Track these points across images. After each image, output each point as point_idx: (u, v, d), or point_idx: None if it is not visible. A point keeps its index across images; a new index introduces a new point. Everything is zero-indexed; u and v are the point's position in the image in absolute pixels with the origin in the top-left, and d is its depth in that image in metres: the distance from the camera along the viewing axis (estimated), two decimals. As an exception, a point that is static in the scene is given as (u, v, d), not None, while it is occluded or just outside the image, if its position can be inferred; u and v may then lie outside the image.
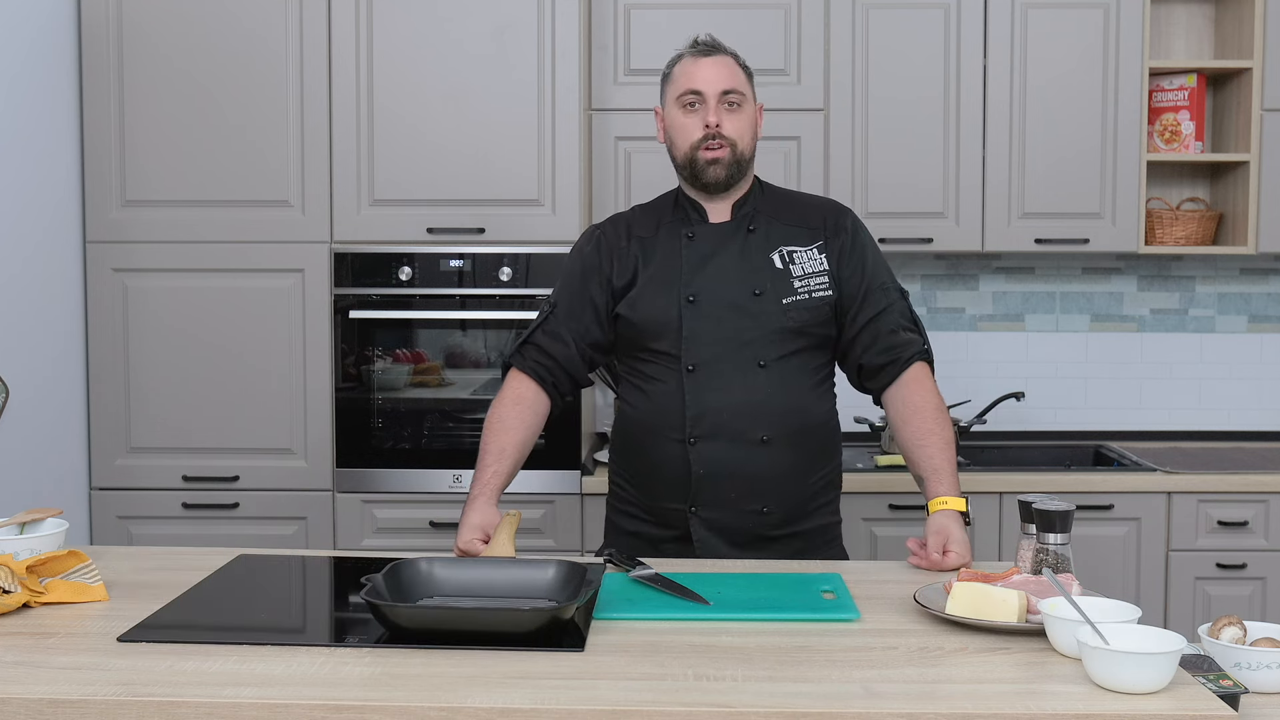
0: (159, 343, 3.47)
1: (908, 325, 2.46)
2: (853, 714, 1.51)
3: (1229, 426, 4.03)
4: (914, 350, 2.43)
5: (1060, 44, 3.63)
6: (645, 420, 2.46)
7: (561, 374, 2.48)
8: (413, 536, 3.45)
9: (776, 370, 2.39)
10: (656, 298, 2.43)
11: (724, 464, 2.38)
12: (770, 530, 2.42)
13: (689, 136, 2.42)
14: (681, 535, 2.44)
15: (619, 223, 2.54)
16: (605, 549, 2.52)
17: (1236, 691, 1.64)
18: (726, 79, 2.42)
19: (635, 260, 2.47)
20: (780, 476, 2.40)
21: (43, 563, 1.98)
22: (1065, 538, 2.05)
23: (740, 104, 2.43)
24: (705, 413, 2.38)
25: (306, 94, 3.43)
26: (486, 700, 1.53)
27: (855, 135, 3.62)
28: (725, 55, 2.45)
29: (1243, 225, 3.72)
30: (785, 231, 2.46)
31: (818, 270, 2.43)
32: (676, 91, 2.44)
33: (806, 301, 2.41)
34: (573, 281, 2.50)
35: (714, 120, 2.40)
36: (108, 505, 3.50)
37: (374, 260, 3.45)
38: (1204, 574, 3.44)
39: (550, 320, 2.49)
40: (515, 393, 2.45)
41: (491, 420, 2.42)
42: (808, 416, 2.43)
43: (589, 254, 2.50)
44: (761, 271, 2.42)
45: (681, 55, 2.48)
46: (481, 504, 2.31)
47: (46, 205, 3.33)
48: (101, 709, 1.53)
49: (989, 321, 4.01)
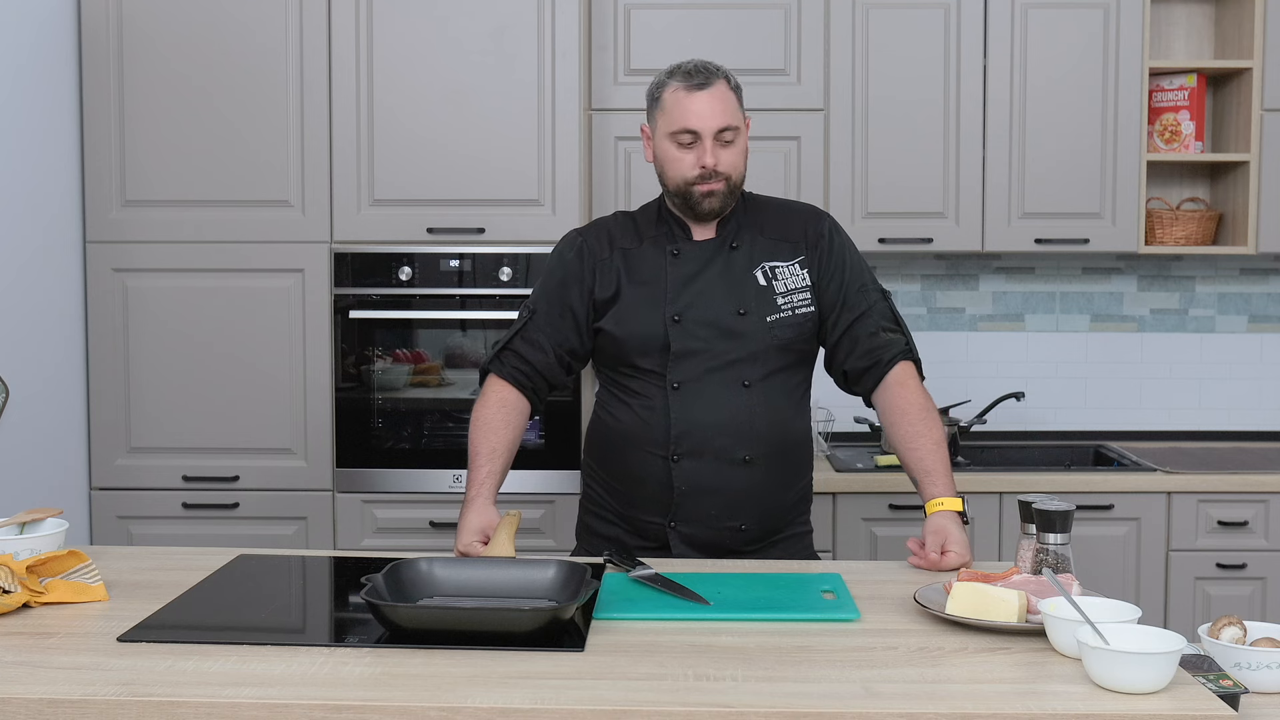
0: (159, 343, 3.47)
1: (889, 326, 2.44)
2: (853, 714, 1.51)
3: (1229, 426, 4.03)
4: (895, 351, 2.41)
5: (1060, 44, 3.63)
6: (627, 433, 2.45)
7: (539, 379, 2.48)
8: (413, 536, 3.45)
9: (760, 390, 2.40)
10: (642, 315, 2.41)
11: (706, 482, 2.39)
12: (745, 545, 2.43)
13: (683, 172, 2.38)
14: (658, 546, 2.44)
15: (600, 232, 2.51)
16: (579, 551, 2.54)
17: (1236, 691, 1.64)
18: (720, 115, 2.35)
19: (618, 274, 2.45)
20: (759, 494, 2.41)
21: (43, 563, 1.98)
22: (1065, 538, 2.05)
23: (734, 138, 2.38)
24: (689, 431, 2.38)
25: (306, 94, 3.43)
26: (486, 700, 1.53)
27: (855, 135, 3.62)
28: (718, 84, 2.37)
29: (1243, 225, 3.72)
30: (767, 246, 2.45)
31: (799, 286, 2.42)
32: (669, 126, 2.38)
33: (790, 318, 2.41)
34: (552, 288, 2.48)
35: (711, 161, 2.35)
36: (108, 505, 3.50)
37: (374, 260, 3.45)
38: (1204, 574, 3.44)
39: (529, 327, 2.47)
40: (498, 396, 2.45)
41: (478, 422, 2.42)
42: (788, 435, 2.44)
43: (571, 261, 2.48)
44: (745, 290, 2.41)
45: (671, 82, 2.39)
46: (479, 505, 2.31)
47: (46, 205, 3.33)
48: (101, 709, 1.53)
49: (989, 321, 4.01)
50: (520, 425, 2.46)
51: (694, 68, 2.39)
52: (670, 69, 2.42)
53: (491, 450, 2.38)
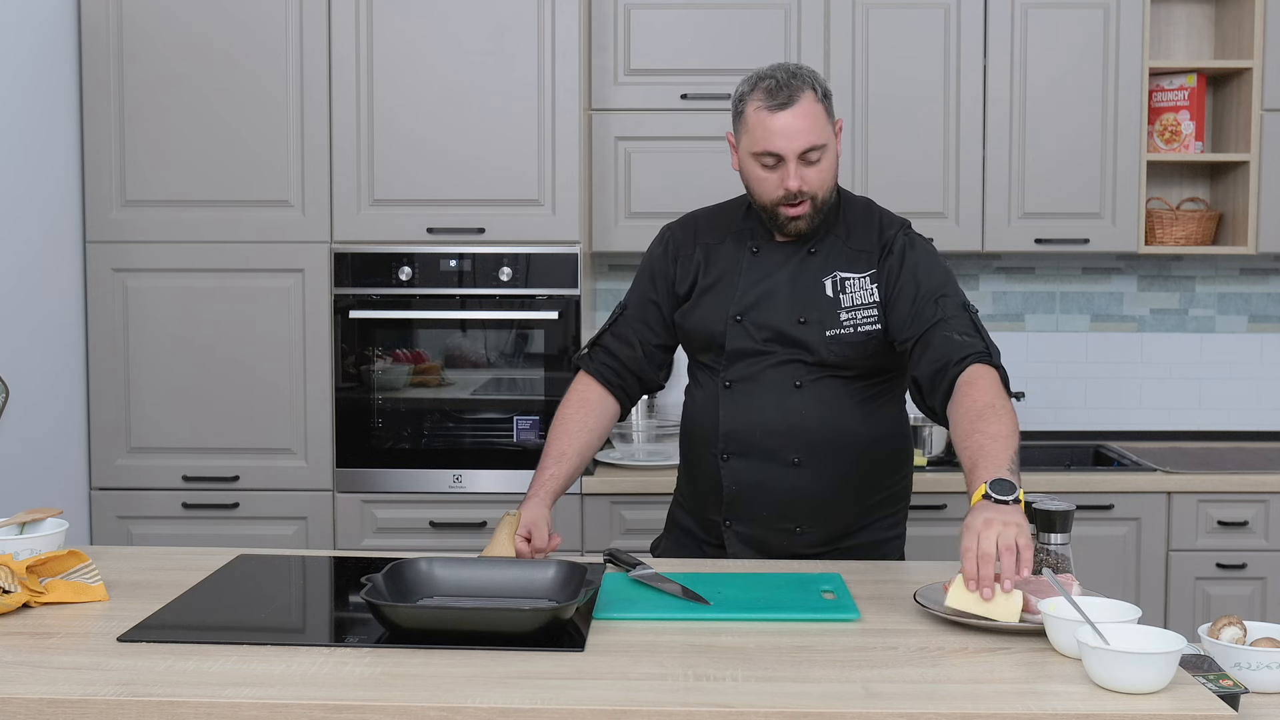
0: (159, 343, 3.47)
1: (965, 332, 2.22)
2: (853, 714, 1.51)
3: (1229, 426, 4.02)
4: (968, 351, 2.17)
5: (1060, 44, 3.62)
6: (689, 428, 2.47)
7: (629, 376, 2.47)
8: (413, 536, 3.45)
9: (813, 391, 2.33)
10: (708, 311, 2.40)
11: (754, 483, 2.35)
12: (808, 549, 2.36)
13: (768, 192, 2.30)
14: (721, 544, 2.42)
15: (689, 224, 2.50)
16: (659, 539, 2.55)
17: (1236, 691, 1.64)
18: (805, 135, 2.24)
19: (697, 268, 2.44)
20: (814, 497, 2.34)
21: (43, 563, 1.98)
22: (1065, 538, 2.04)
23: (821, 156, 2.27)
24: (737, 430, 2.36)
25: (306, 94, 3.43)
26: (486, 700, 1.53)
27: (855, 135, 3.62)
28: (803, 98, 2.24)
29: (1243, 225, 3.72)
30: (844, 255, 2.36)
31: (866, 302, 2.32)
32: (752, 146, 2.28)
33: (850, 336, 2.31)
34: (641, 282, 2.50)
35: (794, 185, 2.26)
36: (108, 505, 3.50)
37: (374, 260, 3.45)
38: (1204, 574, 3.44)
39: (619, 322, 2.49)
40: (580, 395, 2.45)
41: (555, 422, 2.43)
42: (847, 437, 2.34)
43: (658, 257, 2.49)
44: (811, 298, 2.34)
45: (753, 97, 2.27)
46: (532, 504, 2.30)
47: (46, 205, 3.33)
48: (101, 709, 1.53)
49: (989, 321, 4.00)
50: (598, 427, 2.44)
51: (777, 84, 2.25)
52: (754, 77, 2.29)
53: (560, 453, 2.37)
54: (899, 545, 2.46)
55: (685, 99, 3.57)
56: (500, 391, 3.50)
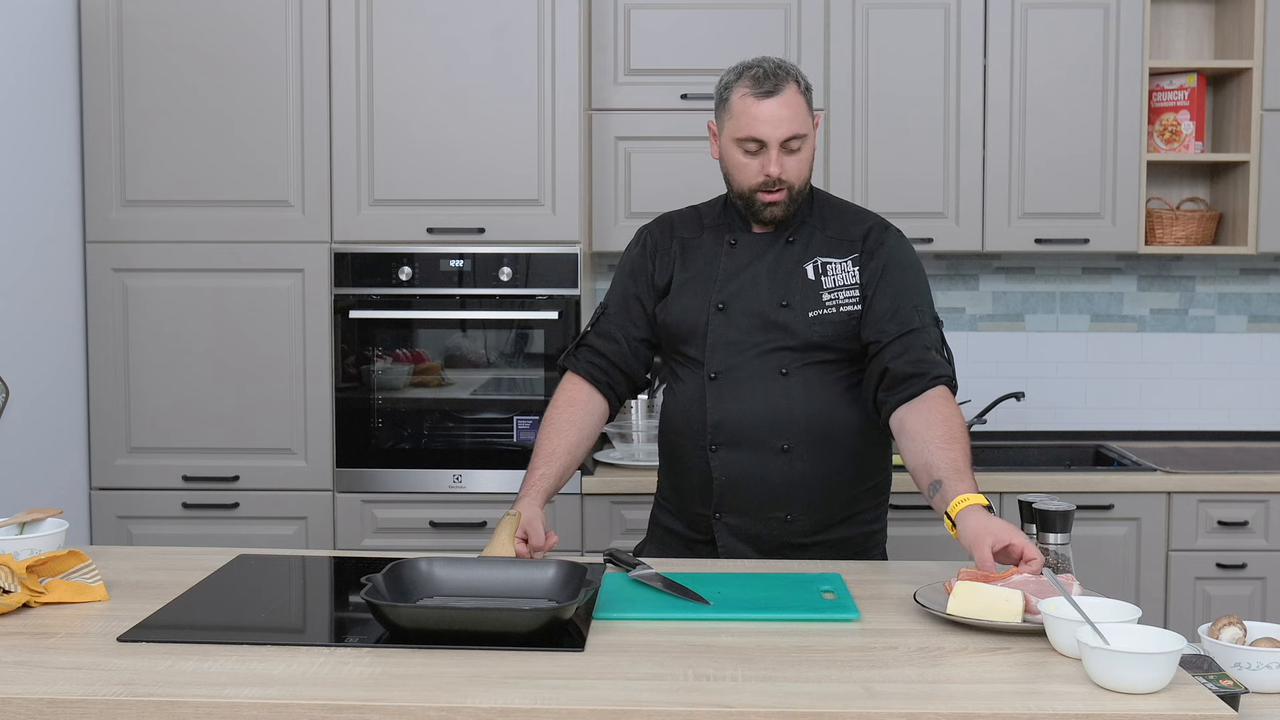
0: (159, 343, 3.47)
1: (937, 348, 2.36)
2: (853, 714, 1.51)
3: (1229, 426, 4.03)
4: (942, 371, 2.31)
5: (1060, 44, 3.62)
6: (674, 423, 2.47)
7: (616, 373, 2.49)
8: (413, 536, 3.45)
9: (799, 378, 2.37)
10: (689, 302, 2.43)
11: (744, 472, 2.37)
12: (797, 538, 2.39)
13: (748, 178, 2.36)
14: (710, 539, 2.43)
15: (664, 223, 2.54)
16: (642, 544, 2.55)
17: (1236, 691, 1.64)
18: (788, 124, 2.31)
19: (674, 261, 2.47)
20: (803, 485, 2.37)
21: (43, 563, 1.98)
22: (1065, 538, 2.05)
23: (800, 145, 2.35)
24: (725, 420, 2.37)
25: (306, 94, 3.43)
26: (486, 700, 1.53)
27: (855, 135, 3.62)
28: (787, 89, 2.32)
29: (1243, 225, 3.72)
30: (824, 242, 2.42)
31: (848, 283, 2.39)
32: (736, 132, 2.34)
33: (833, 316, 2.37)
34: (621, 281, 2.53)
35: (775, 171, 2.32)
36: (108, 505, 3.50)
37: (374, 260, 3.45)
38: (1204, 574, 3.44)
39: (602, 320, 2.51)
40: (568, 395, 2.46)
41: (544, 423, 2.44)
42: (834, 423, 2.38)
43: (636, 255, 2.53)
44: (792, 282, 2.39)
45: (739, 85, 2.34)
46: (524, 504, 2.31)
47: (47, 205, 3.33)
48: (101, 709, 1.53)
49: (989, 321, 4.01)
50: (588, 425, 2.45)
51: (764, 72, 2.32)
52: (740, 67, 2.36)
53: (550, 453, 2.38)
54: (881, 540, 2.51)
55: (685, 99, 3.57)
56: (500, 391, 3.51)
